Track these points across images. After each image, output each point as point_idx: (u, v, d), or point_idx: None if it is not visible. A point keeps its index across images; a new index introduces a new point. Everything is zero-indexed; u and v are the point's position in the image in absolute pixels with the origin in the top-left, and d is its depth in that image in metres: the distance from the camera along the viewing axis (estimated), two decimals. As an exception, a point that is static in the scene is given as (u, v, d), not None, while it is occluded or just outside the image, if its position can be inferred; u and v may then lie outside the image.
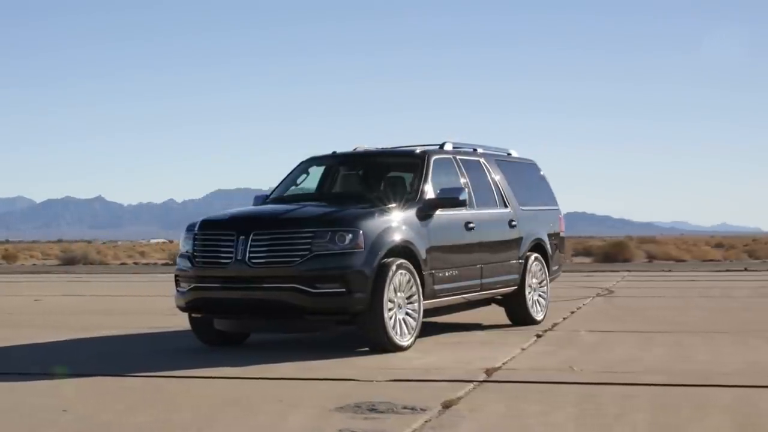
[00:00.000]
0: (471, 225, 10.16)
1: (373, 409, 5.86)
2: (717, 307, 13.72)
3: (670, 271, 27.83)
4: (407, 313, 9.02)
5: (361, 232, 8.63)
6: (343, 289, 8.50)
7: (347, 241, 8.57)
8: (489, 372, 7.41)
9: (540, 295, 11.53)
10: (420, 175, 9.88)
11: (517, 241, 11.10)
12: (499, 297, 11.13)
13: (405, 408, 5.89)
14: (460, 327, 11.06)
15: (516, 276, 11.05)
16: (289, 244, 8.61)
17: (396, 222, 9.05)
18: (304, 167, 10.85)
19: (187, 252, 9.15)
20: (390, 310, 8.75)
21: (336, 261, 8.53)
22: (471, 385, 6.78)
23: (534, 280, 11.38)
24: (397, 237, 8.94)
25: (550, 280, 11.93)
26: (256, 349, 9.41)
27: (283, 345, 9.71)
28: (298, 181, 10.70)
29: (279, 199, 10.30)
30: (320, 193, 10.47)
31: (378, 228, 8.81)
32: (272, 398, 6.40)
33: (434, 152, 10.33)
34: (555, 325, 11.20)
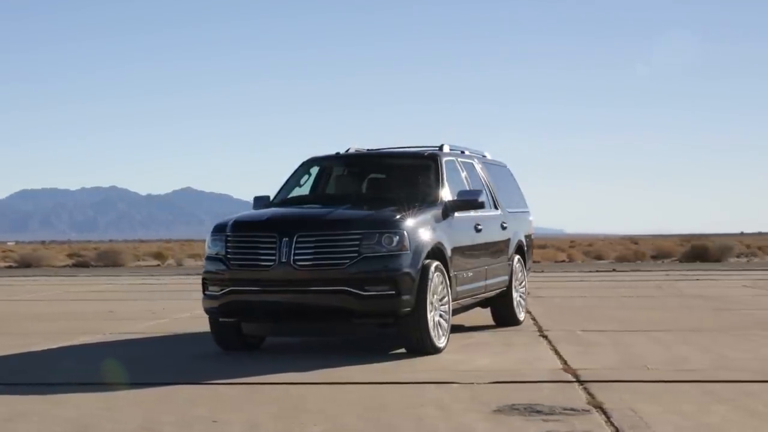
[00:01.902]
0: (480, 227, 10.26)
1: (537, 411, 5.86)
2: (657, 307, 14.24)
3: (543, 271, 28.67)
4: (440, 315, 9.03)
5: (405, 233, 8.59)
6: (393, 291, 8.43)
7: (394, 243, 8.50)
8: (571, 372, 7.51)
9: (520, 296, 11.74)
10: (436, 178, 9.89)
11: (507, 243, 11.27)
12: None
13: (564, 409, 5.91)
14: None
15: (506, 277, 11.21)
16: (337, 246, 8.47)
17: (429, 224, 9.04)
18: (306, 168, 10.61)
19: (218, 254, 8.83)
20: (430, 312, 8.74)
21: (385, 263, 8.45)
22: (577, 386, 6.88)
23: (516, 282, 11.57)
24: (432, 238, 8.94)
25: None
26: (278, 352, 9.20)
27: (303, 348, 9.52)
28: (301, 182, 10.46)
29: (288, 201, 10.03)
30: (331, 195, 10.30)
31: (417, 229, 8.78)
32: (413, 404, 6.27)
33: (443, 154, 10.34)
34: (537, 325, 11.39)
